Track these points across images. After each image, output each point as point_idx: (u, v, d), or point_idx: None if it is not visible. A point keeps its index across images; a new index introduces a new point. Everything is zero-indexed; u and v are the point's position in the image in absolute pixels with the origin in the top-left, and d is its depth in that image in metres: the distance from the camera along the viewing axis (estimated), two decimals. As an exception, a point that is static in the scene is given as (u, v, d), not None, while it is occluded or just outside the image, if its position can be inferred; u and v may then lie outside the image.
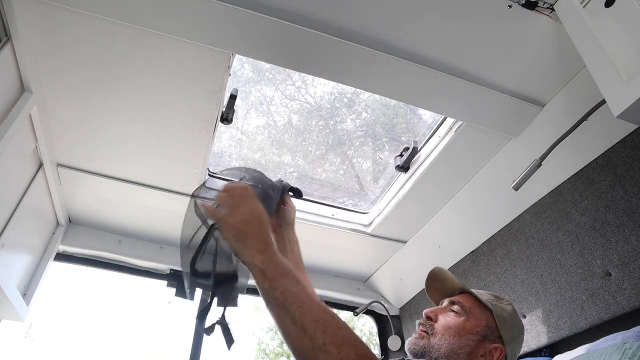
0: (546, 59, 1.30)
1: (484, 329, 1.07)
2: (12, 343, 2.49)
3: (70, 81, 1.37)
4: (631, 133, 1.33)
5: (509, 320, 1.10)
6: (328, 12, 1.17)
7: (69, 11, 1.16)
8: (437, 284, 1.23)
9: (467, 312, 1.09)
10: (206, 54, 1.27)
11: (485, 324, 1.08)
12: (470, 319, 1.08)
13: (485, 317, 1.09)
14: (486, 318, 1.09)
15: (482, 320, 1.08)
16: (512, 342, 1.08)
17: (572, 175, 1.52)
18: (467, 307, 1.11)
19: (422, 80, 1.34)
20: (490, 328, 1.07)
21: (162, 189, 1.80)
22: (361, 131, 2.28)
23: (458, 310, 1.10)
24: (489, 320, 1.08)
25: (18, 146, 1.37)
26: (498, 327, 1.07)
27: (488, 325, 1.07)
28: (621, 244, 1.31)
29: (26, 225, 1.60)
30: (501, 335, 1.07)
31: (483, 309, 1.10)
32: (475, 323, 1.07)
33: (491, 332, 1.07)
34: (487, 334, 1.06)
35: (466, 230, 1.95)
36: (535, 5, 1.17)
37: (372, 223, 2.10)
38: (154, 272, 2.13)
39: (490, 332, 1.07)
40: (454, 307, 1.11)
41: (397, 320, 2.48)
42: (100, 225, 2.04)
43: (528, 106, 1.44)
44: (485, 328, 1.07)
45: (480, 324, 1.07)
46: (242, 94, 1.78)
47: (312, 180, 2.27)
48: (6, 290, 1.45)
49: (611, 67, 0.97)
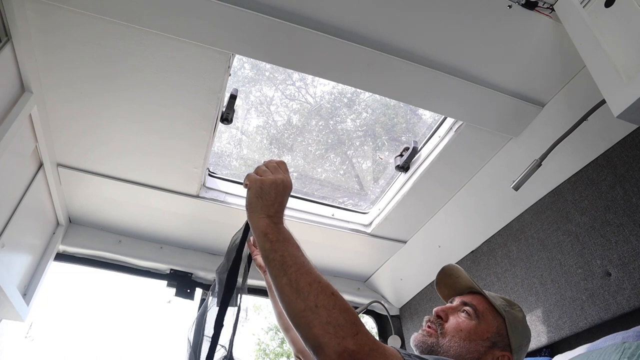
0: (546, 59, 1.30)
1: (494, 335, 1.03)
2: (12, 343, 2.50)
3: (70, 81, 1.37)
4: (631, 133, 1.33)
5: (520, 328, 1.07)
6: (328, 12, 1.17)
7: (69, 11, 1.16)
8: (449, 279, 1.19)
9: (479, 316, 1.06)
10: (206, 54, 1.28)
11: (496, 330, 1.04)
12: (482, 323, 1.05)
13: (497, 323, 1.05)
14: (497, 324, 1.05)
15: (493, 327, 1.05)
16: (520, 351, 1.06)
17: (572, 175, 1.52)
18: (480, 310, 1.07)
19: (422, 80, 1.34)
20: (501, 335, 1.04)
21: (162, 189, 1.80)
22: (361, 131, 2.28)
23: (470, 313, 1.06)
24: (500, 327, 1.05)
25: (18, 146, 1.37)
26: (508, 335, 1.04)
27: (499, 332, 1.04)
28: (621, 244, 1.31)
29: (26, 225, 1.60)
30: (510, 343, 1.04)
31: (495, 315, 1.07)
32: (486, 328, 1.04)
33: (501, 340, 1.04)
34: (497, 340, 1.03)
35: (466, 230, 1.95)
36: (535, 5, 1.17)
37: (372, 223, 2.10)
38: (154, 272, 2.13)
39: (500, 339, 1.04)
40: (467, 308, 1.08)
41: (397, 320, 2.48)
42: (100, 225, 2.04)
43: (528, 106, 1.44)
44: (495, 335, 1.04)
45: (491, 330, 1.04)
46: (242, 94, 1.78)
47: (312, 180, 2.27)
48: (6, 290, 1.45)
49: (611, 67, 0.97)
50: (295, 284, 0.75)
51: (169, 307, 12.19)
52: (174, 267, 2.12)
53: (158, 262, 2.09)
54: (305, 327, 0.72)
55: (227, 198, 1.89)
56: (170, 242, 2.14)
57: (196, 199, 1.84)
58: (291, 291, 0.75)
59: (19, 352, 8.06)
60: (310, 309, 0.72)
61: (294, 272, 0.76)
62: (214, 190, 1.89)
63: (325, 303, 0.73)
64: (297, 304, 0.74)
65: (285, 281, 0.76)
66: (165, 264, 2.11)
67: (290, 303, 0.75)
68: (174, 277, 2.12)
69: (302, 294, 0.74)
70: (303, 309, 0.73)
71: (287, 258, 0.79)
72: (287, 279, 0.76)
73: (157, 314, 12.81)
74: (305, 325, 0.72)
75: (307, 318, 0.72)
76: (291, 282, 0.76)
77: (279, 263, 0.78)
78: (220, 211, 1.90)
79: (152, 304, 13.11)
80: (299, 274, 0.76)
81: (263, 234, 0.82)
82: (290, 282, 0.76)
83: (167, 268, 2.12)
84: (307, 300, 0.73)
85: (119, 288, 11.91)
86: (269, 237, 0.81)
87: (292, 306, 0.74)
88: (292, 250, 0.80)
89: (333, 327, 0.71)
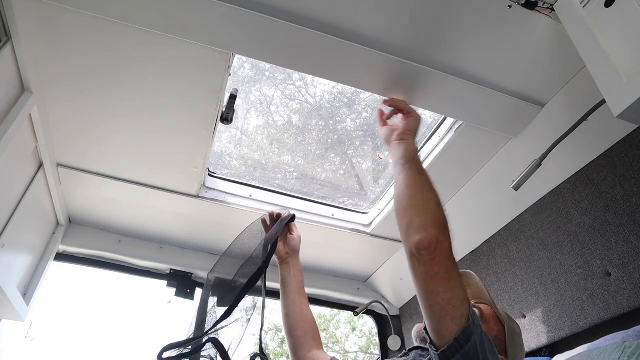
0: (546, 59, 1.30)
1: (494, 338, 1.08)
2: (12, 343, 2.49)
3: (70, 81, 1.37)
4: (631, 133, 1.33)
5: (517, 341, 1.13)
6: (328, 12, 1.17)
7: (69, 11, 1.16)
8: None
9: (482, 317, 1.12)
10: (206, 54, 1.27)
11: (496, 334, 1.10)
12: (484, 324, 1.10)
13: (497, 329, 1.12)
14: (498, 330, 1.12)
15: (494, 330, 1.11)
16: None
17: (572, 175, 1.52)
18: (485, 314, 1.14)
19: (422, 80, 1.34)
20: (500, 340, 1.10)
21: (162, 189, 1.80)
22: (361, 131, 2.28)
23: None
24: (500, 334, 1.11)
25: (18, 146, 1.37)
26: (506, 343, 1.10)
27: (498, 337, 1.10)
28: (621, 244, 1.31)
29: (26, 225, 1.60)
30: (507, 351, 1.09)
31: (497, 322, 1.14)
32: (487, 330, 1.09)
33: (499, 345, 1.09)
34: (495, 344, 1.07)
35: (466, 230, 1.95)
36: (535, 5, 1.17)
37: (372, 223, 2.10)
38: (154, 272, 2.13)
39: (498, 343, 1.09)
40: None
41: (397, 320, 2.48)
42: (100, 225, 2.04)
43: (528, 106, 1.44)
44: (495, 338, 1.09)
45: (491, 332, 1.10)
46: (242, 94, 1.78)
47: (312, 180, 2.27)
48: (6, 290, 1.45)
49: (611, 67, 0.97)
50: (428, 184, 0.97)
51: (169, 307, 12.19)
52: (174, 267, 2.12)
53: (158, 262, 2.09)
54: (424, 210, 0.92)
55: (227, 198, 1.89)
56: (170, 242, 2.14)
57: (196, 199, 1.84)
58: (427, 183, 0.97)
59: (19, 352, 8.06)
60: (429, 200, 0.93)
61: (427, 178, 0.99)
62: (214, 190, 1.89)
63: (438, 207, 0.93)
64: (427, 193, 0.95)
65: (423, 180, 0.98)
66: (165, 264, 2.11)
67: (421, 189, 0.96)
68: (174, 277, 2.12)
69: (428, 191, 0.95)
70: (430, 198, 0.93)
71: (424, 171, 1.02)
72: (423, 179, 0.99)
73: (157, 314, 12.81)
74: (425, 209, 0.92)
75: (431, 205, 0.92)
76: (425, 182, 0.98)
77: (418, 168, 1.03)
78: (220, 211, 1.90)
79: (152, 304, 13.11)
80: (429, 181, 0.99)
81: (414, 153, 1.08)
82: (425, 181, 0.98)
83: (167, 268, 2.12)
84: (430, 194, 0.94)
85: (119, 288, 11.90)
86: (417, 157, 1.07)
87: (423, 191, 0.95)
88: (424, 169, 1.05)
89: (438, 224, 0.89)
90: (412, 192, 0.96)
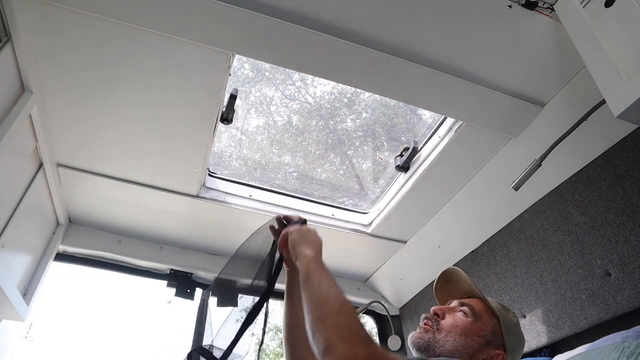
0: (546, 59, 1.30)
1: (489, 334, 1.07)
2: (12, 343, 2.49)
3: (70, 81, 1.37)
4: (631, 133, 1.33)
5: (514, 331, 1.11)
6: (328, 12, 1.17)
7: (69, 11, 1.16)
8: (448, 285, 1.23)
9: (475, 315, 1.10)
10: (206, 54, 1.27)
11: (491, 329, 1.09)
12: (478, 322, 1.09)
13: (492, 323, 1.10)
14: (493, 324, 1.10)
15: (489, 325, 1.09)
16: (514, 353, 1.09)
17: (572, 175, 1.52)
18: (477, 310, 1.11)
19: (422, 80, 1.34)
20: (496, 334, 1.08)
21: (162, 189, 1.80)
22: (361, 131, 2.28)
23: (467, 312, 1.10)
24: (496, 327, 1.09)
25: (18, 146, 1.37)
26: (503, 335, 1.08)
27: (494, 332, 1.08)
28: (621, 244, 1.31)
29: (26, 225, 1.60)
30: (505, 344, 1.08)
31: (491, 315, 1.12)
32: (482, 327, 1.08)
33: (496, 339, 1.08)
34: (491, 339, 1.07)
35: (466, 230, 1.95)
36: (535, 5, 1.17)
37: (372, 223, 2.10)
38: (154, 272, 2.12)
39: (494, 338, 1.08)
40: (464, 308, 1.12)
41: (397, 320, 2.48)
42: (100, 225, 2.04)
43: (528, 106, 1.44)
44: (490, 333, 1.08)
45: (486, 328, 1.08)
46: (242, 94, 1.78)
47: (312, 180, 2.27)
48: (6, 290, 1.45)
49: (611, 67, 0.97)
50: (325, 295, 0.86)
51: (169, 307, 12.18)
52: (174, 267, 2.12)
53: (158, 262, 2.09)
54: (323, 328, 0.79)
55: (227, 198, 1.89)
56: (170, 242, 2.14)
57: (196, 199, 1.84)
58: (320, 299, 0.85)
59: (19, 352, 8.06)
60: (333, 314, 0.80)
61: (327, 287, 0.88)
62: (214, 190, 1.89)
63: (347, 315, 0.80)
64: (323, 308, 0.83)
65: (319, 291, 0.87)
66: (165, 264, 2.11)
67: (317, 307, 0.84)
68: (174, 277, 2.12)
69: (329, 303, 0.83)
70: (326, 313, 0.81)
71: (325, 278, 0.91)
72: (321, 290, 0.87)
73: (157, 314, 12.82)
74: (324, 327, 0.79)
75: (328, 320, 0.79)
76: (323, 293, 0.87)
77: (318, 277, 0.91)
78: (220, 211, 1.90)
79: (152, 304, 13.11)
80: (331, 290, 0.87)
81: (307, 261, 0.97)
82: (322, 292, 0.87)
83: (167, 268, 2.12)
84: (332, 307, 0.82)
85: (119, 288, 11.91)
86: (316, 263, 0.96)
87: (318, 309, 0.83)
88: (330, 277, 0.93)
89: (348, 333, 0.76)
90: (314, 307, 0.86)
